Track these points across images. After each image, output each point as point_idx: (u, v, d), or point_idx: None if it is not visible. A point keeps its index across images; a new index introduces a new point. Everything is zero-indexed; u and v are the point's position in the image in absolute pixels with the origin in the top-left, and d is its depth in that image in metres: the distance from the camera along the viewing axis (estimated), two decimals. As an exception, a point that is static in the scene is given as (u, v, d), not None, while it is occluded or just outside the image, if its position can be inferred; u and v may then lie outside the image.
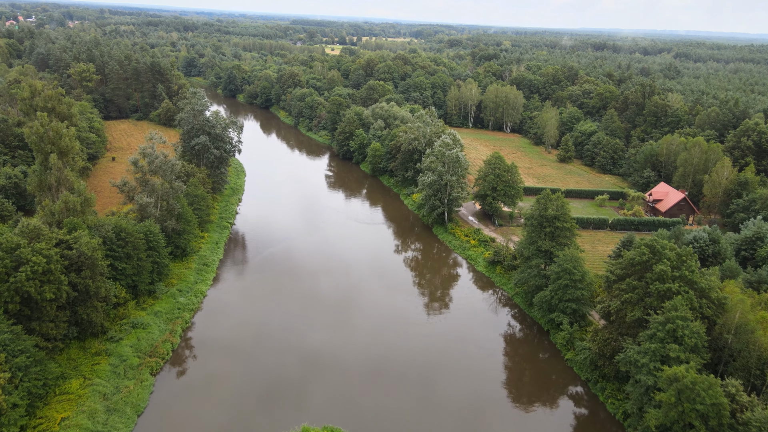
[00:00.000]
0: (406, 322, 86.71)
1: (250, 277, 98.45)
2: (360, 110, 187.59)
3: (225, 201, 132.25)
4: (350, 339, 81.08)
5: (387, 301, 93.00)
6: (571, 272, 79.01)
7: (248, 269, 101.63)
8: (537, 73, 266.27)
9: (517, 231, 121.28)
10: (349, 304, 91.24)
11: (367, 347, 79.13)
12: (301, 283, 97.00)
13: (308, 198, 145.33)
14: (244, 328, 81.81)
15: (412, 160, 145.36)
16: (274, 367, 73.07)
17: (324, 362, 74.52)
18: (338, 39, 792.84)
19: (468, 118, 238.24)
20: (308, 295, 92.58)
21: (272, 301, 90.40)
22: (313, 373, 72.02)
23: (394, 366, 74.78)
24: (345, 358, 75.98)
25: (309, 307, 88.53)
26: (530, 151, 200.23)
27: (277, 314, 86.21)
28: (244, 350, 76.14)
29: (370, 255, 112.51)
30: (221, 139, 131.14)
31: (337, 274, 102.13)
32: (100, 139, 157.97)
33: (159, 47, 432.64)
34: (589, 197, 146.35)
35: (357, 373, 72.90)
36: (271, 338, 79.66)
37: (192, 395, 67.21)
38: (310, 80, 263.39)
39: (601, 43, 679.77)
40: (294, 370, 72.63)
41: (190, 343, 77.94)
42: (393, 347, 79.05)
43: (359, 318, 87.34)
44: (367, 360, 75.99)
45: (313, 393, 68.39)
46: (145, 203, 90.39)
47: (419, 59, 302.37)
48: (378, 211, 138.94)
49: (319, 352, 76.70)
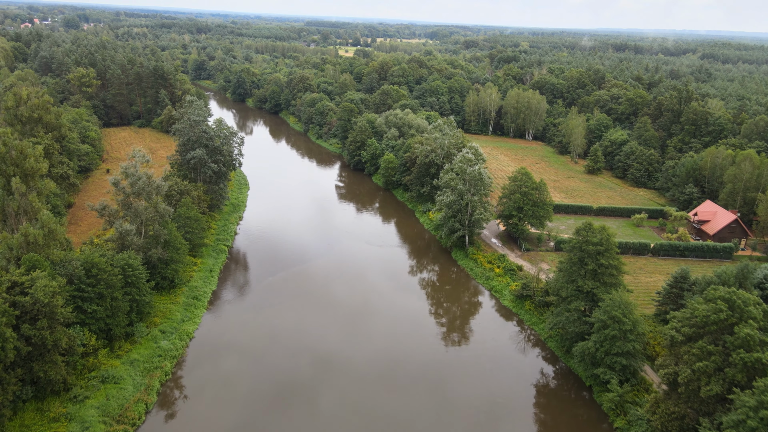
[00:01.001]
0: (420, 361, 74.41)
1: (245, 313, 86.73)
2: (372, 118, 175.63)
3: (224, 220, 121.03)
4: (359, 384, 68.92)
5: (399, 338, 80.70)
6: (621, 321, 66.03)
7: (244, 303, 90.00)
8: (560, 77, 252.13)
9: (546, 257, 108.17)
10: (358, 341, 79.08)
11: (375, 396, 66.90)
12: (305, 318, 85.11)
13: (315, 215, 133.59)
14: (232, 381, 70.07)
15: (429, 174, 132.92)
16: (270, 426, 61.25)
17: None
18: (352, 40, 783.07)
19: (487, 124, 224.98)
20: (313, 333, 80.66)
21: (270, 345, 78.63)
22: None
23: (405, 416, 62.55)
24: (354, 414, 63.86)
25: (315, 347, 76.58)
26: (555, 162, 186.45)
27: (276, 359, 74.39)
28: (230, 415, 64.36)
29: (382, 282, 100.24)
30: (220, 152, 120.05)
31: (345, 306, 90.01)
32: (95, 150, 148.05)
33: (169, 50, 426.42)
34: (625, 216, 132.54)
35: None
36: (266, 391, 67.84)
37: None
38: (321, 84, 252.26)
39: (622, 44, 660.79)
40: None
41: (168, 399, 66.37)
42: (406, 390, 66.72)
43: (368, 354, 75.17)
44: (374, 416, 63.77)
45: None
46: (125, 231, 79.26)
47: (435, 62, 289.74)
48: (391, 231, 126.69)
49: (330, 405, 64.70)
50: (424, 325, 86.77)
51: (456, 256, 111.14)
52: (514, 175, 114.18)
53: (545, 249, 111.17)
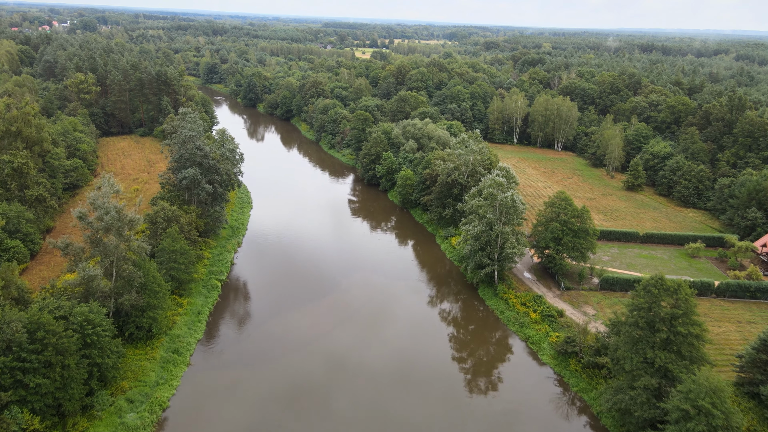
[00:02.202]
0: (442, 420, 59.65)
1: (234, 371, 72.71)
2: (388, 128, 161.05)
3: (220, 247, 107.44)
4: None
5: (415, 399, 65.82)
6: (710, 414, 50.43)
7: (234, 356, 76.04)
8: (591, 81, 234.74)
9: (590, 297, 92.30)
10: (368, 401, 64.45)
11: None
12: (309, 374, 70.78)
13: (324, 239, 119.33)
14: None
15: (451, 195, 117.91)
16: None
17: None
18: (369, 42, 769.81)
19: (512, 133, 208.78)
20: (316, 393, 66.27)
21: (262, 416, 64.46)
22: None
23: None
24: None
25: (319, 409, 62.23)
26: (588, 175, 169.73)
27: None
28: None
29: (398, 326, 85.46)
30: (216, 171, 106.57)
31: (356, 361, 75.41)
32: (86, 164, 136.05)
33: (182, 52, 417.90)
34: (676, 243, 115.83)
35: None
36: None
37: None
38: (335, 89, 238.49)
39: (648, 44, 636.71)
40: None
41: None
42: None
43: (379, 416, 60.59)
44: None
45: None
46: (88, 276, 65.86)
47: (456, 65, 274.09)
48: (408, 259, 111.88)
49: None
50: (446, 377, 71.74)
51: (483, 294, 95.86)
52: (552, 200, 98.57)
53: (588, 287, 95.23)
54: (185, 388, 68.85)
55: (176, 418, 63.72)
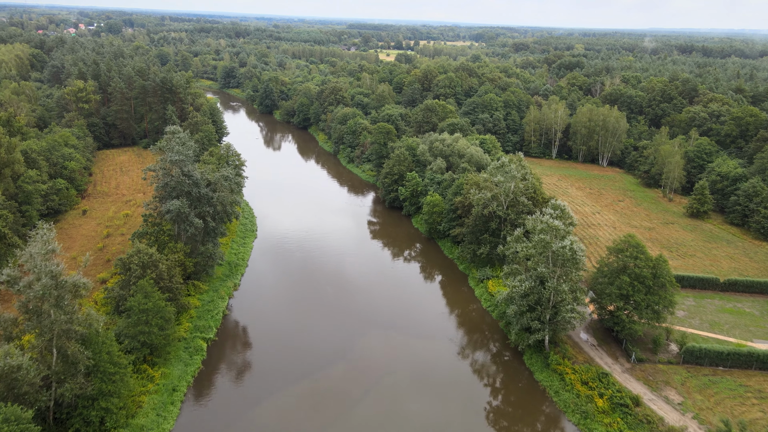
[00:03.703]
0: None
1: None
2: (413, 143, 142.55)
3: (212, 292, 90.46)
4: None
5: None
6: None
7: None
8: (638, 87, 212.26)
9: (671, 376, 72.06)
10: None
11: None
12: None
13: (336, 278, 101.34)
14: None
15: (488, 229, 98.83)
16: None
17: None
18: (394, 43, 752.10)
19: (551, 146, 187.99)
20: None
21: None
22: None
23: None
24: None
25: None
26: (642, 198, 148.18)
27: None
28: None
29: (423, 408, 66.89)
30: (209, 201, 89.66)
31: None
32: (72, 184, 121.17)
33: (201, 55, 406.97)
34: (767, 293, 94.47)
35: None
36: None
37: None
38: (356, 96, 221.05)
39: (686, 45, 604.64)
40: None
41: None
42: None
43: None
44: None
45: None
46: (9, 367, 49.11)
47: (486, 69, 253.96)
48: (435, 306, 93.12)
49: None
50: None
51: (531, 364, 76.52)
52: (618, 245, 78.78)
53: (666, 359, 75.11)
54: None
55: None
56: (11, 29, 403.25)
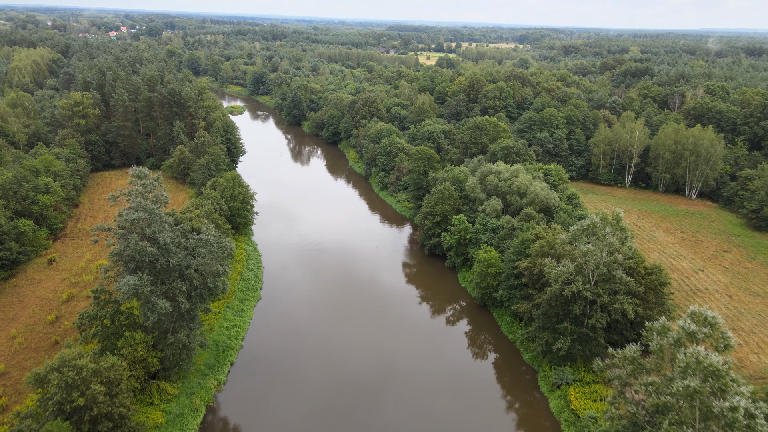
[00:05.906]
0: None
1: None
2: (461, 175, 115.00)
3: (184, 398, 65.57)
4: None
5: None
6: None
7: None
8: (728, 101, 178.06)
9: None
10: None
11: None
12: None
13: (357, 363, 75.08)
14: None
15: (569, 314, 70.63)
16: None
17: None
18: (435, 46, 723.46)
19: (624, 172, 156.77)
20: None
21: None
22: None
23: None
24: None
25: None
26: (753, 246, 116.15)
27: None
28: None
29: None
30: (181, 274, 65.02)
31: None
32: (44, 224, 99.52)
33: (233, 59, 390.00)
34: None
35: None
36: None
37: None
38: (393, 108, 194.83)
39: (755, 47, 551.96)
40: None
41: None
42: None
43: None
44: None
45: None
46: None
47: (541, 78, 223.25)
48: (492, 424, 65.64)
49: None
50: None
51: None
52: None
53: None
54: None
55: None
56: (45, 32, 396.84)
